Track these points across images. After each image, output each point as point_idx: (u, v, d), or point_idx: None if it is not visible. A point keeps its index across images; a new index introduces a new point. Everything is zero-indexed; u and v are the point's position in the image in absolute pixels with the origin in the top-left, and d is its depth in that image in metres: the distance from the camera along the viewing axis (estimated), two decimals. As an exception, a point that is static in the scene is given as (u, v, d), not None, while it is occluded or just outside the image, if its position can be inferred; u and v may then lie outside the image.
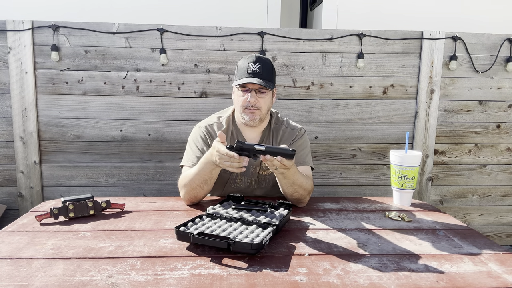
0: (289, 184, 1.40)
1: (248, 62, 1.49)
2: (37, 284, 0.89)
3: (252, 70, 1.47)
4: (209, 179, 1.41)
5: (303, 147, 1.61)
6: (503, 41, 2.51)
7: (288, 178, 1.37)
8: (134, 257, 1.03)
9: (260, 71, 1.47)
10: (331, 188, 2.60)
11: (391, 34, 2.46)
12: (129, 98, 2.40)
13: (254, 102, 1.48)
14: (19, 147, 2.37)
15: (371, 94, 2.51)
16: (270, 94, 1.54)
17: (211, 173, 1.39)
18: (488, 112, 2.59)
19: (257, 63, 1.48)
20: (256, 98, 1.48)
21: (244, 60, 1.52)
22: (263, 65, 1.49)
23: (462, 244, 1.17)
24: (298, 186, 1.41)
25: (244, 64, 1.50)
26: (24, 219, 1.32)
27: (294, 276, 0.94)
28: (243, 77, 1.48)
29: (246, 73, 1.47)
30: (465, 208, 2.69)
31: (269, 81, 1.50)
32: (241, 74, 1.50)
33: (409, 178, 1.51)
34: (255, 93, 1.48)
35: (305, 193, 1.46)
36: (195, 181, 1.41)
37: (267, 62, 1.52)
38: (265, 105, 1.51)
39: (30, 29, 2.28)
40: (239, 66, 1.53)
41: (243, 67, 1.50)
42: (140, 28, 2.34)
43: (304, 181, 1.43)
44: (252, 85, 1.48)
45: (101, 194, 2.26)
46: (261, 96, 1.49)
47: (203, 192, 1.45)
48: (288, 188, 1.42)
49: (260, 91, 1.49)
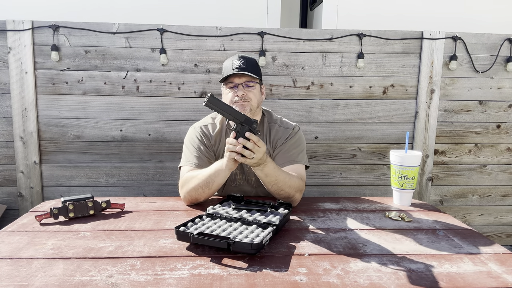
0: (272, 182, 1.40)
1: (232, 60, 1.53)
2: (37, 284, 0.89)
3: (236, 65, 1.50)
4: (212, 182, 1.41)
5: (296, 145, 1.60)
6: (503, 41, 2.51)
7: (270, 176, 1.37)
8: (134, 257, 1.03)
9: (245, 66, 1.50)
10: (331, 188, 2.60)
11: (391, 34, 2.46)
12: (129, 98, 2.40)
13: (243, 94, 1.49)
14: (19, 147, 2.37)
15: (371, 94, 2.51)
16: (258, 88, 1.55)
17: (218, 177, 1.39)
18: (488, 112, 2.59)
19: (240, 59, 1.51)
20: (244, 91, 1.50)
21: (228, 59, 1.56)
22: (246, 60, 1.52)
23: (462, 244, 1.17)
24: (282, 184, 1.40)
25: (228, 62, 1.54)
26: (24, 219, 1.32)
27: (294, 276, 0.94)
28: (228, 74, 1.50)
29: (231, 69, 1.50)
30: (465, 208, 2.69)
31: (255, 74, 1.51)
32: (226, 72, 1.52)
33: (409, 178, 1.51)
34: (242, 87, 1.50)
35: (292, 191, 1.44)
36: (200, 184, 1.42)
37: (251, 59, 1.55)
38: (254, 97, 1.53)
39: (30, 29, 2.28)
40: (224, 66, 1.56)
41: (227, 65, 1.54)
42: (140, 28, 2.34)
43: (289, 178, 1.42)
44: (238, 79, 1.50)
45: (101, 194, 2.26)
46: (249, 89, 1.52)
47: (205, 195, 1.45)
48: (272, 187, 1.42)
49: (247, 84, 1.51)
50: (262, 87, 1.61)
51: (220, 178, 1.40)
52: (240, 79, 1.50)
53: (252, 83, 1.52)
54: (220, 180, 1.41)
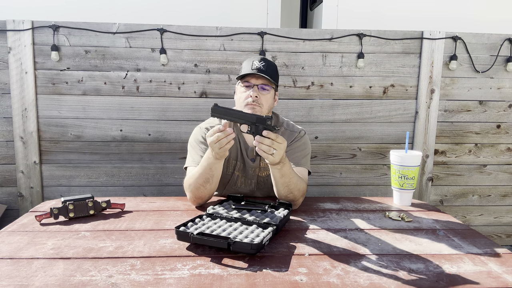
0: (286, 183, 1.38)
1: (253, 60, 1.50)
2: (37, 284, 0.89)
3: (256, 66, 1.47)
4: (210, 177, 1.39)
5: (301, 149, 1.59)
6: (503, 41, 2.51)
7: (285, 176, 1.36)
8: (134, 257, 1.03)
9: (265, 69, 1.47)
10: (331, 188, 2.60)
11: (391, 34, 2.46)
12: (129, 98, 2.40)
13: (256, 97, 1.46)
14: (19, 147, 2.37)
15: (371, 94, 2.51)
16: (272, 93, 1.53)
17: (211, 170, 1.37)
18: (488, 112, 2.59)
19: (262, 61, 1.49)
20: (258, 93, 1.47)
21: (250, 59, 1.53)
22: (268, 64, 1.50)
23: (462, 244, 1.17)
24: (294, 186, 1.40)
25: (249, 61, 1.51)
26: (24, 219, 1.32)
27: (294, 276, 0.94)
28: (247, 72, 1.48)
29: (250, 69, 1.47)
30: (465, 208, 2.69)
31: (273, 79, 1.49)
32: (245, 70, 1.50)
33: (409, 178, 1.51)
34: (257, 89, 1.48)
35: (299, 195, 1.43)
36: (198, 181, 1.40)
37: (272, 63, 1.53)
38: (266, 103, 1.50)
39: (30, 29, 2.28)
40: (243, 64, 1.54)
41: (247, 64, 1.51)
42: (140, 28, 2.34)
43: (299, 181, 1.42)
44: (255, 80, 1.48)
45: (101, 194, 2.26)
46: (263, 93, 1.49)
47: (207, 192, 1.43)
48: (284, 189, 1.40)
49: (263, 87, 1.48)
50: (276, 93, 1.58)
51: (217, 170, 1.39)
52: (257, 80, 1.48)
53: (268, 87, 1.49)
54: (217, 172, 1.39)
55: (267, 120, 1.22)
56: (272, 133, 1.22)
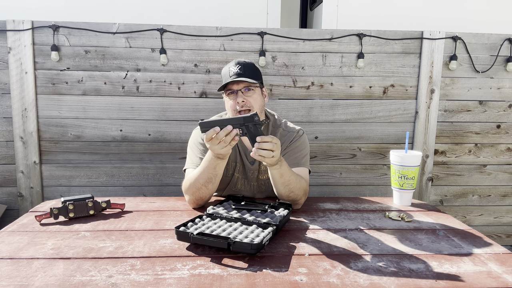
0: (286, 182, 1.38)
1: (229, 67, 1.50)
2: (37, 284, 0.89)
3: (233, 72, 1.47)
4: (213, 177, 1.39)
5: (300, 149, 1.59)
6: (503, 41, 2.51)
7: (284, 176, 1.36)
8: (134, 257, 1.03)
9: (242, 71, 1.47)
10: (331, 188, 2.60)
11: (391, 34, 2.46)
12: (129, 98, 2.40)
13: (243, 102, 1.46)
14: (19, 147, 2.37)
15: (371, 94, 2.51)
16: (258, 91, 1.52)
17: (215, 169, 1.37)
18: (488, 112, 2.59)
19: (237, 65, 1.48)
20: (243, 97, 1.47)
21: (226, 67, 1.53)
22: (243, 66, 1.49)
23: (462, 244, 1.17)
24: (294, 185, 1.40)
25: (226, 69, 1.52)
26: (24, 219, 1.32)
27: (294, 276, 0.94)
28: (227, 81, 1.47)
29: (228, 77, 1.48)
30: (465, 208, 2.69)
31: (253, 79, 1.48)
32: (225, 79, 1.50)
33: (409, 178, 1.51)
34: (241, 93, 1.47)
35: (301, 194, 1.44)
36: (200, 181, 1.39)
37: (248, 64, 1.52)
38: (256, 103, 1.49)
39: (30, 29, 2.28)
40: (222, 74, 1.54)
41: (225, 73, 1.51)
42: (140, 28, 2.34)
43: (299, 180, 1.42)
44: (236, 85, 1.47)
45: (101, 194, 2.26)
46: (249, 94, 1.48)
47: (208, 192, 1.43)
48: (285, 188, 1.40)
49: (247, 89, 1.48)
50: (263, 89, 1.58)
51: (221, 169, 1.39)
52: (238, 85, 1.47)
53: (251, 87, 1.49)
54: (220, 171, 1.39)
55: (254, 117, 1.24)
56: (266, 136, 1.24)
